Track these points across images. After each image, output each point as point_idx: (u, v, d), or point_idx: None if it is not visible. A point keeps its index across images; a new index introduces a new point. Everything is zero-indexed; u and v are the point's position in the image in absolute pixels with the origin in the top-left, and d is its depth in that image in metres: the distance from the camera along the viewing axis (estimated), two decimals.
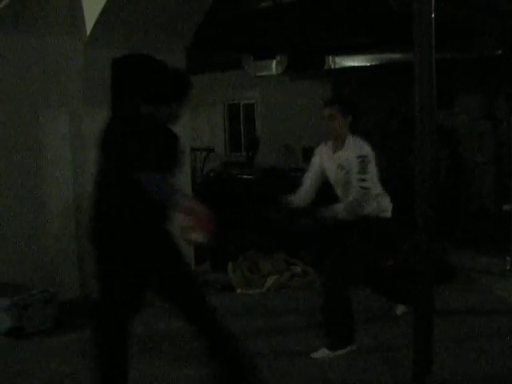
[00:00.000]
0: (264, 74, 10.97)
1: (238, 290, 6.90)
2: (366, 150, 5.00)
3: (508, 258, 7.34)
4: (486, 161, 10.50)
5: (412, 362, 3.39)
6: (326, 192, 5.27)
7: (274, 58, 10.88)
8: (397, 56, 9.78)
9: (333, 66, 10.81)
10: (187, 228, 3.63)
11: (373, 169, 5.00)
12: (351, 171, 4.93)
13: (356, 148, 4.98)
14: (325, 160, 5.22)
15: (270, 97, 12.62)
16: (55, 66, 6.34)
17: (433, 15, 3.13)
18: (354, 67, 10.62)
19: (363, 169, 4.89)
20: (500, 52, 8.67)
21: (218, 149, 13.25)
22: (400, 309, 5.75)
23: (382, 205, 5.15)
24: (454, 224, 9.09)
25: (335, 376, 4.63)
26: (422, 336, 3.36)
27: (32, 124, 6.32)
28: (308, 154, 5.34)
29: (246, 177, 9.71)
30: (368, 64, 10.35)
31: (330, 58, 10.76)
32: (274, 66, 10.94)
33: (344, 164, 5.01)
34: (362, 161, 4.90)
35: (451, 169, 10.43)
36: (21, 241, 6.26)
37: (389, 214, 5.17)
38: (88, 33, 6.25)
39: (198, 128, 12.75)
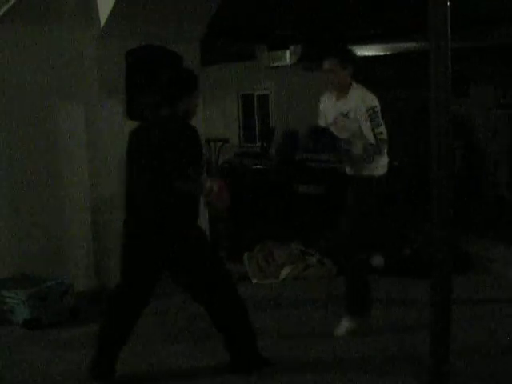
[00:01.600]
0: (278, 64, 10.95)
1: (254, 281, 6.91)
2: (374, 99, 5.01)
3: None
4: (501, 149, 10.45)
5: (429, 352, 3.39)
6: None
7: (288, 48, 10.86)
8: (411, 45, 9.74)
9: None
10: (210, 199, 4.23)
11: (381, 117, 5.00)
12: (362, 122, 4.93)
13: (364, 99, 4.99)
14: (327, 107, 5.28)
15: (284, 87, 12.59)
16: (69, 58, 6.35)
17: (448, 3, 3.12)
18: (368, 57, 10.58)
19: (376, 120, 4.91)
20: None
21: (233, 140, 13.23)
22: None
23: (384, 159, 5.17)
24: (470, 213, 9.06)
25: (353, 365, 4.63)
26: (439, 326, 3.36)
27: (47, 116, 6.33)
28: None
29: (260, 167, 9.71)
30: (382, 53, 10.32)
31: None
32: (288, 57, 10.91)
33: (350, 114, 5.02)
34: (373, 112, 4.92)
35: (466, 158, 10.39)
36: (37, 233, 6.29)
37: (386, 170, 5.18)
38: (102, 24, 6.25)
39: (212, 119, 12.74)
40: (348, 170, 5.24)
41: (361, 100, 4.97)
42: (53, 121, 6.37)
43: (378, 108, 4.96)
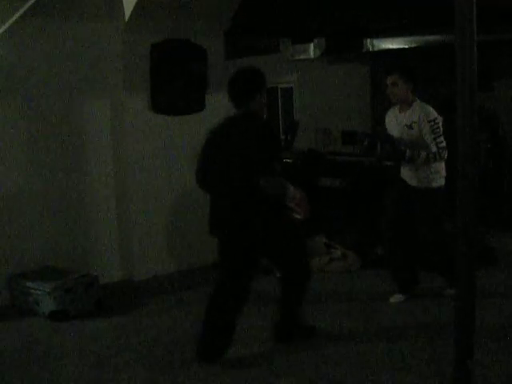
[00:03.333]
0: (302, 57, 10.92)
1: (278, 274, 6.90)
2: (434, 113, 5.59)
3: None
4: None
5: (453, 346, 3.38)
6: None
7: (312, 41, 10.83)
8: (436, 38, 9.68)
9: (371, 49, 10.73)
10: (291, 208, 4.65)
11: (441, 128, 5.59)
12: (425, 133, 5.54)
13: (425, 111, 5.59)
14: (391, 120, 5.89)
15: (308, 80, 12.56)
16: (94, 53, 6.38)
17: None
18: (392, 49, 10.53)
19: (437, 131, 5.52)
20: None
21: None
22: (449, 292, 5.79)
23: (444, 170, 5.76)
24: (494, 207, 9.01)
25: (374, 360, 4.63)
26: (464, 320, 3.34)
27: (72, 111, 6.37)
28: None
29: (284, 160, 9.69)
30: (407, 46, 10.26)
31: (368, 40, 10.69)
32: (311, 50, 10.88)
33: (413, 126, 5.60)
34: (435, 123, 5.52)
35: (492, 151, 10.31)
36: (63, 226, 6.34)
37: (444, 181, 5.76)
38: (126, 18, 6.27)
39: None
40: (411, 181, 5.79)
41: (424, 113, 5.56)
42: (77, 116, 6.40)
43: (439, 120, 5.56)
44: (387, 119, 5.98)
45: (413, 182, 5.76)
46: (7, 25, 5.91)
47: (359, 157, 7.97)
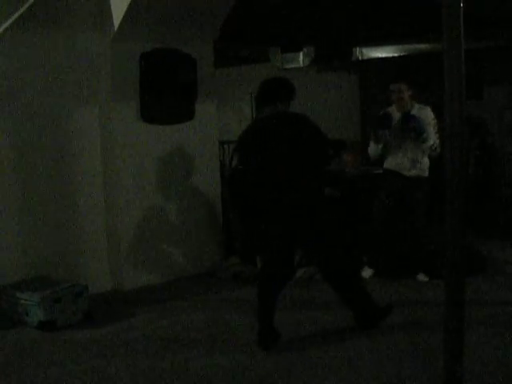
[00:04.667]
0: (291, 66, 10.95)
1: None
2: (433, 115, 6.56)
3: None
4: None
5: (443, 352, 3.38)
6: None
7: (302, 50, 10.85)
8: (424, 46, 9.72)
9: (360, 57, 10.77)
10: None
11: None
12: (428, 129, 6.44)
13: (428, 111, 6.59)
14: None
15: (298, 89, 12.54)
16: (84, 62, 6.39)
17: (461, 5, 3.11)
18: (381, 58, 10.57)
19: (436, 128, 6.48)
20: None
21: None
22: (421, 276, 6.75)
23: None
24: (484, 214, 9.03)
25: (364, 366, 4.62)
26: (453, 327, 3.35)
27: (61, 118, 6.37)
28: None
29: None
30: (396, 55, 10.30)
31: (358, 49, 10.72)
32: (301, 58, 10.91)
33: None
34: (435, 123, 6.49)
35: (480, 159, 10.34)
36: (51, 236, 6.33)
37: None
38: (116, 28, 6.28)
39: (226, 121, 12.74)
40: (409, 172, 6.64)
41: (427, 112, 6.57)
42: (67, 123, 6.40)
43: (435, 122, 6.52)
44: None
45: (411, 173, 6.64)
46: None
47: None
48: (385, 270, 6.92)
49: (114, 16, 6.27)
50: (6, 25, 5.95)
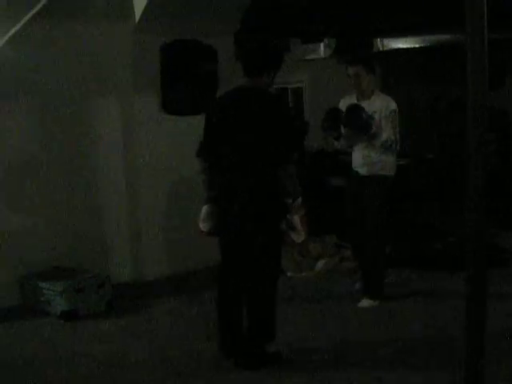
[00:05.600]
0: (312, 57, 10.91)
1: (289, 274, 6.91)
2: (394, 104, 5.73)
3: None
4: None
5: (464, 346, 3.37)
6: None
7: (322, 41, 10.82)
8: (446, 37, 9.65)
9: (381, 48, 10.71)
10: (290, 227, 4.16)
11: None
12: (385, 122, 5.64)
13: (386, 102, 5.72)
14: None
15: (319, 80, 12.52)
16: (105, 54, 6.40)
17: None
18: (402, 49, 10.51)
19: (395, 122, 5.70)
20: None
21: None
22: (365, 302, 5.83)
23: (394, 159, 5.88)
24: (505, 207, 8.97)
25: (384, 359, 4.62)
26: (474, 320, 3.34)
27: (82, 112, 6.39)
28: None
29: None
30: (417, 46, 10.24)
31: (379, 40, 10.67)
32: (322, 49, 10.87)
33: (374, 115, 5.61)
34: (395, 114, 5.70)
35: (502, 151, 10.27)
36: (74, 225, 6.36)
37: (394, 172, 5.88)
38: (137, 19, 6.29)
39: None
40: (362, 170, 5.80)
41: (386, 103, 5.70)
42: (88, 117, 6.43)
43: (397, 111, 5.73)
44: (342, 105, 5.90)
45: (363, 171, 5.79)
46: (18, 27, 5.93)
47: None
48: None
49: (135, 8, 6.28)
50: (27, 17, 5.98)
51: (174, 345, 5.04)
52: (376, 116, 5.61)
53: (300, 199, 4.12)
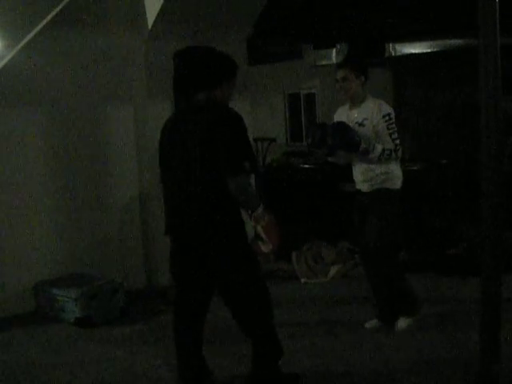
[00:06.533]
0: (324, 62, 10.94)
1: (302, 280, 6.91)
2: (388, 107, 5.11)
3: None
4: None
5: (479, 351, 3.35)
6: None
7: (334, 46, 10.83)
8: (458, 42, 9.65)
9: (393, 54, 10.72)
10: (257, 237, 3.84)
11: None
12: (379, 128, 5.01)
13: (378, 106, 5.08)
14: (341, 118, 5.26)
15: (331, 86, 12.54)
16: (119, 61, 6.43)
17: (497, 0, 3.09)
18: (414, 54, 10.51)
19: (392, 127, 5.01)
20: None
21: (280, 139, 13.23)
22: (402, 322, 5.31)
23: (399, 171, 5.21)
24: None
25: (398, 365, 4.60)
26: (489, 325, 3.32)
27: (98, 119, 6.42)
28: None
29: (307, 166, 9.70)
30: (429, 50, 10.24)
31: (391, 45, 10.67)
32: (334, 55, 10.89)
33: (364, 122, 5.08)
34: (389, 118, 5.02)
35: None
36: (88, 232, 6.38)
37: (400, 183, 5.20)
38: (150, 27, 6.31)
39: (259, 118, 12.77)
40: (363, 187, 5.23)
41: (377, 108, 5.07)
42: (102, 123, 6.45)
43: (393, 115, 5.07)
44: (336, 118, 5.36)
45: (364, 187, 5.22)
46: (31, 34, 5.98)
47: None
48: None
49: (148, 15, 6.30)
50: (41, 24, 6.02)
51: None
52: (367, 123, 5.07)
53: (260, 209, 3.77)
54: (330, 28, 9.86)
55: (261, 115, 13.22)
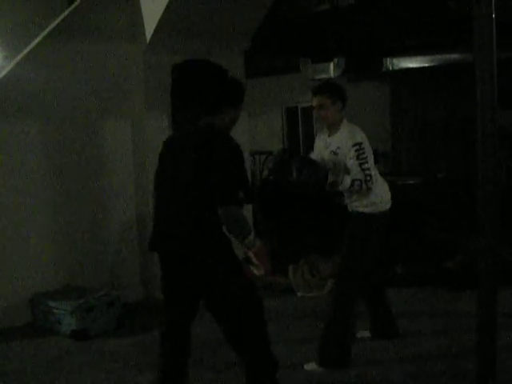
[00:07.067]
0: (322, 76, 10.96)
1: (299, 293, 6.91)
2: (360, 136, 4.80)
3: None
4: None
5: (476, 366, 3.35)
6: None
7: (332, 60, 10.86)
8: (455, 56, 9.68)
9: (391, 68, 10.75)
10: (248, 261, 3.80)
11: (370, 154, 4.77)
12: (348, 158, 4.71)
13: (349, 135, 4.79)
14: (320, 145, 5.08)
15: None
16: (117, 73, 6.45)
17: (493, 15, 3.10)
18: (412, 68, 10.55)
19: (362, 157, 4.68)
20: None
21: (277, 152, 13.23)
22: (310, 366, 4.91)
23: (382, 195, 4.93)
24: None
25: (396, 380, 4.60)
26: (486, 339, 3.33)
27: (95, 131, 6.43)
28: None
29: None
30: (426, 65, 10.27)
31: (388, 59, 10.71)
32: (331, 69, 10.92)
33: (337, 151, 4.83)
34: (359, 148, 4.69)
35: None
36: (84, 244, 6.38)
37: (388, 205, 4.93)
38: (148, 40, 6.34)
39: (257, 131, 12.80)
40: (348, 205, 4.99)
41: (347, 136, 4.78)
42: (99, 136, 6.46)
43: (365, 145, 4.76)
44: (316, 144, 5.20)
45: (349, 208, 4.99)
46: (31, 46, 6.00)
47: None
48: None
49: (147, 28, 6.33)
50: (40, 36, 6.04)
51: None
52: (340, 152, 4.80)
53: (251, 236, 3.69)
54: (327, 42, 9.90)
55: (258, 128, 13.25)
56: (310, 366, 4.83)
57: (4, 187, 5.95)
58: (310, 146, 10.65)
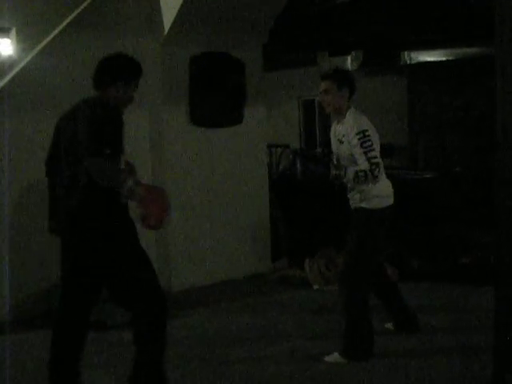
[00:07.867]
0: None
1: (315, 287, 6.91)
2: (365, 123, 4.73)
3: None
4: None
5: (492, 359, 3.35)
6: None
7: (350, 54, 10.84)
8: (473, 50, 9.64)
9: (408, 62, 10.74)
10: (142, 215, 3.78)
11: (376, 143, 4.66)
12: (352, 147, 4.65)
13: (354, 122, 4.71)
14: (332, 134, 5.04)
15: None
16: None
17: None
18: (429, 62, 10.51)
19: (367, 145, 4.59)
20: None
21: (293, 145, 13.24)
22: (332, 357, 4.83)
23: (384, 189, 4.82)
24: None
25: (409, 379, 4.60)
26: (503, 333, 3.32)
27: None
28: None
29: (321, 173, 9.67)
30: (444, 59, 10.24)
31: (406, 53, 10.68)
32: (349, 62, 10.91)
33: (342, 139, 4.78)
34: (363, 136, 4.61)
35: None
36: None
37: (390, 200, 4.84)
38: (166, 32, 6.34)
39: (274, 125, 12.79)
40: (350, 202, 4.93)
41: (352, 124, 4.71)
42: None
43: (370, 132, 4.66)
44: (331, 133, 5.10)
45: (351, 204, 4.94)
46: (48, 39, 6.01)
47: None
48: None
49: (165, 20, 6.34)
50: (58, 28, 6.06)
51: (201, 357, 5.04)
52: (345, 140, 4.74)
53: (128, 185, 3.74)
54: (345, 35, 9.87)
55: (275, 121, 13.23)
56: (333, 358, 4.80)
57: (21, 177, 5.98)
58: (327, 139, 10.64)
